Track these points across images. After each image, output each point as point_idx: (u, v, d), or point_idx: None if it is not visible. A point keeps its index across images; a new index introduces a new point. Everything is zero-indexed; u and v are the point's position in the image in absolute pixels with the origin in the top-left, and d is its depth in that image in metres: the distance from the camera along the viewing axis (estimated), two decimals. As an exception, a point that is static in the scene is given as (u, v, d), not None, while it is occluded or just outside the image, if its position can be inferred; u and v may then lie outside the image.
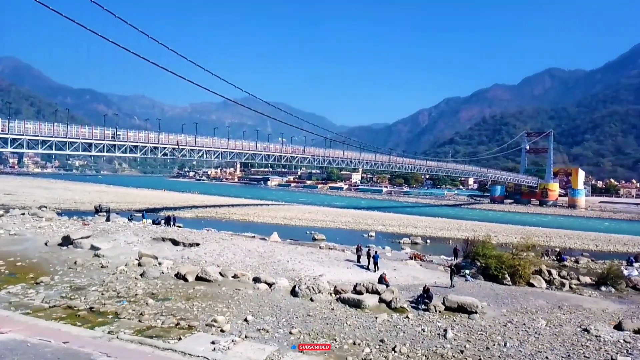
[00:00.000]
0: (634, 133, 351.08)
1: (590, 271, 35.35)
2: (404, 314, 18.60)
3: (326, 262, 28.93)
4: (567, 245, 54.65)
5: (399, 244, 48.51)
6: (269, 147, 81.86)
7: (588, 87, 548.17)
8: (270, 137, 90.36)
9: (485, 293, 23.51)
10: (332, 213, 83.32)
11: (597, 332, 17.06)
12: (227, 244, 32.28)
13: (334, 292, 20.90)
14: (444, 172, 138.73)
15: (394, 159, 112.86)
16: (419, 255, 36.81)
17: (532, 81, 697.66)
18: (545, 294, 25.28)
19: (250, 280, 22.70)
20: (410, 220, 77.23)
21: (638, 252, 47.46)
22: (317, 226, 62.27)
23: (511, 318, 18.80)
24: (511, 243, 42.05)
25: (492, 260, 28.69)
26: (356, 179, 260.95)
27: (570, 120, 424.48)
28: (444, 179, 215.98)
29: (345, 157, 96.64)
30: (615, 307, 22.92)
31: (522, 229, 69.63)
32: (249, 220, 67.62)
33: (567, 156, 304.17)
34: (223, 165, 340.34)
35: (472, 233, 46.87)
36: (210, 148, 71.28)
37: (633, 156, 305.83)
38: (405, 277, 26.41)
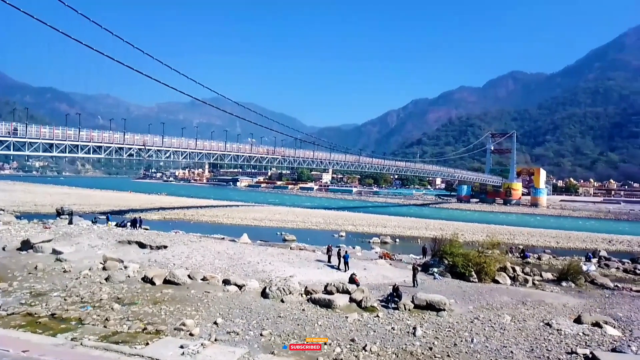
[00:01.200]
0: (591, 134, 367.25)
1: (551, 267, 36.63)
2: (374, 313, 18.77)
3: (297, 263, 28.87)
4: (530, 242, 56.48)
5: (369, 243, 48.94)
6: (238, 147, 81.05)
7: (548, 90, 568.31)
8: (240, 137, 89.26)
9: (453, 290, 23.99)
10: (303, 214, 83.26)
11: (558, 326, 17.71)
12: (196, 246, 31.73)
13: (305, 292, 20.88)
14: (413, 172, 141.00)
15: (363, 160, 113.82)
16: (389, 255, 37.24)
17: (496, 84, 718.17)
18: (509, 290, 26.04)
19: (220, 282, 22.40)
20: (379, 220, 78.05)
21: (595, 248, 49.54)
22: (287, 227, 62.10)
23: (478, 314, 19.26)
24: (477, 241, 43.06)
25: (459, 259, 29.29)
26: (326, 180, 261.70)
27: (532, 121, 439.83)
28: (413, 179, 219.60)
29: (316, 158, 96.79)
30: (575, 301, 23.85)
31: (488, 227, 71.54)
32: (218, 221, 66.73)
33: (530, 156, 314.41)
34: (191, 166, 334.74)
35: (440, 232, 47.78)
36: (177, 148, 69.98)
37: (590, 156, 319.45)
38: (375, 277, 26.66)
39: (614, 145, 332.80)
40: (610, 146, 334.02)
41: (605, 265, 39.20)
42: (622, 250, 53.19)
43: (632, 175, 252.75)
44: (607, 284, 30.06)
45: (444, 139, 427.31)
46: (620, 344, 15.64)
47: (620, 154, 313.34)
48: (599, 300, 24.67)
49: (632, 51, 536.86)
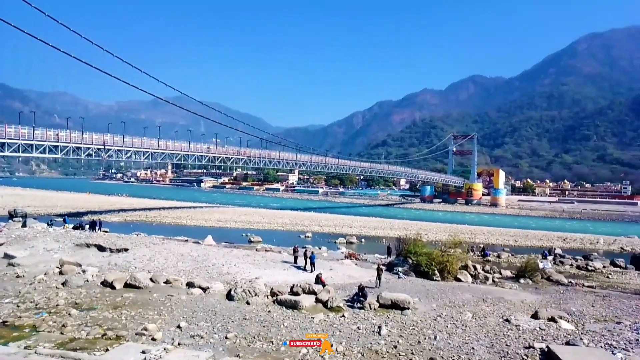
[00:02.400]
0: (547, 137, 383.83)
1: (510, 265, 37.90)
2: (340, 313, 18.86)
3: (262, 264, 28.65)
4: (490, 241, 58.33)
5: (335, 243, 49.21)
6: (203, 147, 79.74)
7: (507, 94, 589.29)
8: (204, 137, 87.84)
9: (417, 289, 24.43)
10: (269, 214, 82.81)
11: (517, 321, 18.33)
12: (159, 248, 30.97)
13: (271, 294, 20.75)
14: (378, 173, 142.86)
15: (329, 160, 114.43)
16: (354, 255, 37.55)
17: (458, 87, 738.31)
18: (471, 287, 26.76)
19: (184, 285, 21.94)
20: (345, 220, 78.64)
21: (551, 246, 51.71)
22: (253, 228, 61.58)
23: (440, 312, 19.68)
24: (440, 240, 44.03)
25: (422, 258, 29.86)
26: (293, 180, 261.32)
27: (491, 124, 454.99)
28: (378, 179, 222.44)
29: (282, 158, 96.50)
30: (533, 297, 24.79)
31: (450, 226, 73.43)
32: (181, 223, 65.41)
33: (490, 158, 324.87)
34: (153, 166, 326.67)
35: (404, 232, 48.47)
36: (139, 148, 68.10)
37: (546, 158, 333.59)
38: (341, 277, 26.81)
39: (568, 148, 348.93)
40: (565, 148, 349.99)
41: (560, 262, 40.93)
42: (576, 248, 55.68)
43: (584, 176, 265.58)
44: (562, 281, 31.44)
45: (408, 140, 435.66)
46: (574, 337, 16.35)
47: (573, 155, 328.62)
48: (554, 296, 25.73)
49: (583, 58, 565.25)
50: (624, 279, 34.90)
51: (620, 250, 55.90)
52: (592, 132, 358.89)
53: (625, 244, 60.10)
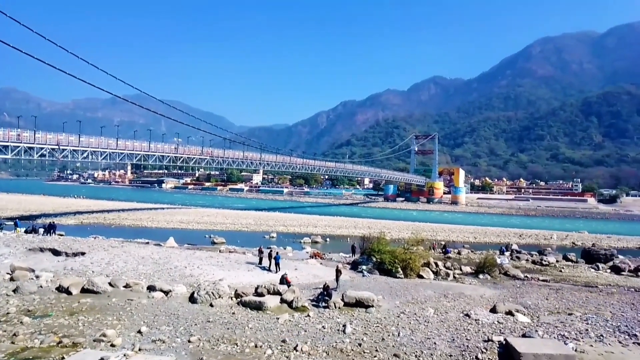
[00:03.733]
0: (504, 136, 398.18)
1: (470, 261, 38.99)
2: (305, 312, 18.88)
3: (226, 266, 28.28)
4: (451, 238, 59.86)
5: (300, 243, 49.20)
6: (164, 147, 77.82)
7: (466, 95, 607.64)
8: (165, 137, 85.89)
9: (381, 287, 24.76)
10: (233, 215, 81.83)
11: (476, 316, 18.92)
12: (118, 251, 30.00)
13: (235, 295, 20.52)
14: (342, 172, 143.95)
15: (294, 160, 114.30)
16: (319, 254, 37.66)
17: (420, 87, 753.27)
18: (433, 284, 27.40)
19: (144, 289, 21.35)
20: (310, 219, 78.78)
21: (508, 242, 53.59)
22: (216, 229, 60.68)
23: (404, 309, 20.05)
24: (403, 238, 44.88)
25: (386, 256, 30.32)
26: (257, 180, 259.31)
27: (452, 124, 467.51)
28: (342, 179, 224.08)
29: (246, 158, 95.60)
30: (491, 292, 25.64)
31: (413, 224, 74.93)
32: (142, 225, 63.65)
33: (450, 157, 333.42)
34: (112, 167, 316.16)
35: (368, 230, 49.11)
36: (96, 148, 65.69)
37: (503, 157, 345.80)
38: (306, 276, 26.84)
39: (523, 147, 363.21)
40: (520, 147, 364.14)
41: (516, 257, 42.50)
42: (531, 244, 57.99)
43: (539, 175, 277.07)
44: (518, 275, 32.70)
45: (372, 140, 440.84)
46: (529, 330, 17.06)
47: (528, 154, 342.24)
48: (511, 290, 26.71)
49: (538, 61, 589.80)
50: (575, 272, 36.66)
51: (572, 245, 58.62)
52: (546, 132, 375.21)
53: (576, 239, 63.10)
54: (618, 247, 51.85)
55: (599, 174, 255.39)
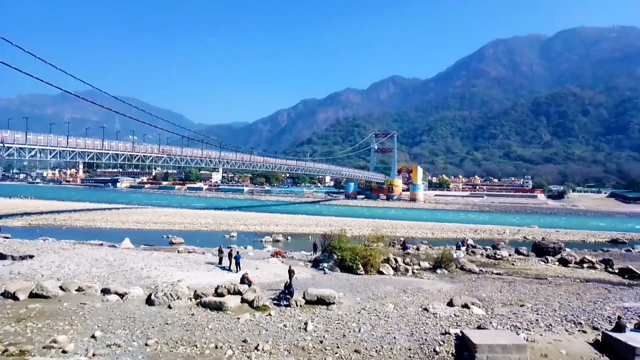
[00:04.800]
0: (459, 135, 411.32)
1: (428, 256, 39.96)
2: (266, 311, 18.75)
3: (185, 267, 27.69)
4: (410, 234, 61.15)
5: (261, 242, 48.86)
6: (118, 145, 75.07)
7: (424, 94, 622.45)
8: (120, 134, 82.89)
9: (342, 284, 24.97)
10: (191, 215, 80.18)
11: (434, 310, 19.44)
12: (69, 254, 28.74)
13: (194, 296, 20.11)
14: (304, 170, 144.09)
15: (255, 158, 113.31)
16: (281, 253, 37.53)
17: (379, 87, 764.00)
18: (392, 280, 27.92)
19: (98, 292, 20.54)
20: (272, 218, 78.39)
21: (464, 237, 55.32)
22: (174, 229, 59.25)
23: (364, 305, 20.30)
24: (363, 235, 45.34)
25: (347, 253, 30.62)
26: (217, 179, 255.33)
27: (410, 123, 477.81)
28: (304, 177, 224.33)
29: (205, 157, 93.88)
30: (448, 286, 26.40)
31: (373, 221, 76.03)
32: (95, 226, 61.25)
33: (409, 155, 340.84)
34: (62, 165, 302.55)
35: (330, 228, 49.47)
36: (45, 146, 62.50)
37: (459, 155, 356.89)
38: (268, 275, 26.67)
39: (478, 145, 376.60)
40: (475, 146, 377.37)
41: (472, 252, 43.93)
42: (485, 238, 60.09)
43: (492, 172, 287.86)
44: (474, 269, 33.85)
45: (333, 138, 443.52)
46: (484, 322, 17.71)
47: (482, 152, 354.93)
48: (467, 284, 27.62)
49: (490, 62, 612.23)
50: (526, 265, 38.33)
51: (524, 239, 61.21)
52: (499, 131, 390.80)
53: (527, 234, 65.95)
54: (565, 240, 54.53)
55: (548, 171, 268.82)
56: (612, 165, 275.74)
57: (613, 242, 59.40)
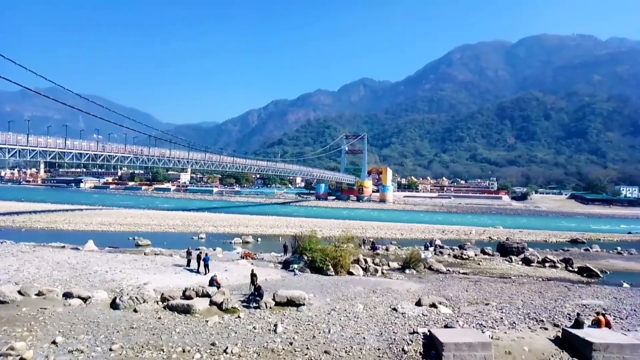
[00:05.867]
0: (428, 137, 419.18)
1: (397, 257, 40.48)
2: (235, 314, 18.56)
3: (152, 269, 27.08)
4: (380, 235, 61.75)
5: (230, 244, 48.28)
6: (82, 144, 72.61)
7: (394, 97, 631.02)
8: (83, 133, 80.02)
9: (312, 285, 25.00)
10: (159, 216, 78.47)
11: (403, 309, 19.71)
12: (29, 257, 27.62)
13: (161, 299, 19.68)
14: (274, 171, 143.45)
15: (224, 159, 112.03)
16: (250, 254, 37.22)
17: (349, 89, 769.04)
18: (362, 280, 28.13)
19: (60, 296, 19.80)
20: (241, 219, 77.61)
21: (432, 238, 56.32)
22: (141, 231, 57.79)
23: (334, 306, 20.37)
24: (334, 236, 45.59)
25: (317, 254, 30.68)
26: (185, 180, 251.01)
27: (380, 125, 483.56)
28: (274, 178, 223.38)
29: (173, 157, 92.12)
30: (417, 286, 26.83)
31: (343, 222, 76.43)
32: (57, 228, 59.04)
33: (379, 157, 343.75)
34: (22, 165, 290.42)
35: (300, 229, 49.38)
36: (3, 145, 59.81)
37: (427, 157, 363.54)
38: (237, 277, 26.40)
39: (446, 148, 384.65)
40: (443, 148, 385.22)
41: (439, 252, 44.82)
42: (453, 239, 61.35)
43: (459, 174, 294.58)
44: (441, 269, 34.54)
45: (303, 139, 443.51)
46: (451, 321, 18.09)
47: (450, 155, 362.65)
48: (435, 284, 28.16)
49: (458, 67, 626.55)
50: (491, 264, 39.40)
51: (489, 239, 62.86)
52: (465, 134, 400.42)
53: (492, 234, 67.77)
54: (528, 240, 56.33)
55: (512, 173, 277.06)
56: (572, 168, 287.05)
57: (573, 242, 61.72)
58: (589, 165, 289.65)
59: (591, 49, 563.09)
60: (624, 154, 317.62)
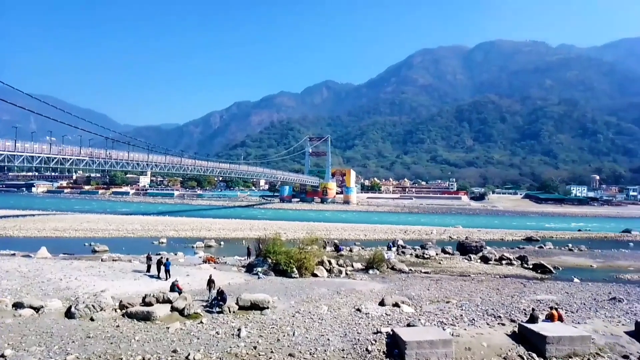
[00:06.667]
0: (390, 139, 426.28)
1: (361, 258, 40.89)
2: (197, 319, 18.19)
3: (110, 276, 26.15)
4: (344, 236, 62.18)
5: (192, 248, 47.38)
6: (33, 146, 69.30)
7: (356, 99, 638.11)
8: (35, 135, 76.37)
9: (276, 288, 24.86)
10: (117, 221, 75.93)
11: (366, 310, 19.92)
12: (-25, 266, 26.06)
13: (120, 307, 19.03)
14: (237, 174, 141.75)
15: (186, 161, 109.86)
16: (213, 258, 36.66)
17: (313, 91, 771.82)
18: (326, 282, 28.23)
19: (9, 306, 18.78)
20: (204, 223, 76.27)
21: (395, 238, 57.18)
22: (98, 236, 55.78)
23: (299, 308, 20.33)
24: (298, 238, 45.52)
25: (281, 257, 30.56)
26: (145, 183, 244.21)
27: (343, 127, 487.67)
28: (237, 180, 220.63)
29: (131, 159, 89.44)
30: (380, 286, 27.18)
31: (308, 224, 76.47)
32: (6, 234, 56.09)
33: (342, 158, 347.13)
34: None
35: (264, 232, 48.93)
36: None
37: (390, 159, 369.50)
38: (199, 282, 25.86)
39: (407, 149, 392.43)
40: (404, 150, 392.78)
41: (402, 252, 45.55)
42: (415, 239, 62.52)
43: (421, 175, 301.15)
44: (404, 269, 35.16)
45: (267, 141, 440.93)
46: (413, 319, 18.43)
47: (411, 156, 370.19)
48: (398, 283, 28.63)
49: (418, 70, 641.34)
50: (452, 263, 40.45)
51: (449, 238, 64.46)
52: (426, 136, 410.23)
53: (452, 233, 69.56)
54: (486, 239, 58.18)
55: (471, 174, 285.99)
56: (526, 169, 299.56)
57: (528, 240, 64.24)
58: (542, 166, 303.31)
59: (543, 54, 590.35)
60: (573, 155, 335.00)
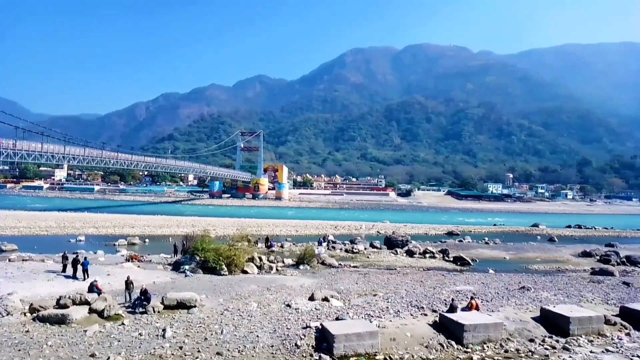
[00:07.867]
0: (322, 136, 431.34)
1: (292, 253, 41.02)
2: (119, 321, 17.29)
3: (19, 277, 24.07)
4: (275, 232, 62.03)
5: (114, 246, 44.86)
6: None
7: (289, 95, 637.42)
8: None
9: (205, 286, 24.28)
10: (28, 217, 69.93)
11: (296, 305, 20.07)
12: None
13: (30, 310, 17.60)
14: (164, 168, 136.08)
15: (107, 154, 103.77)
16: (137, 257, 35.00)
17: (245, 85, 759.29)
18: (257, 278, 28.03)
19: None
20: (127, 219, 72.46)
21: (325, 234, 58.04)
22: (5, 234, 51.04)
23: (228, 306, 20.01)
24: (228, 235, 44.72)
25: (210, 254, 29.85)
26: (61, 177, 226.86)
27: (276, 122, 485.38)
28: (164, 175, 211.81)
29: (45, 151, 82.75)
30: (310, 281, 27.48)
31: (238, 221, 75.31)
32: None
33: (275, 154, 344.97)
34: None
35: (192, 229, 47.58)
36: None
37: (322, 155, 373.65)
38: (121, 282, 24.43)
39: (339, 146, 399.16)
40: (336, 147, 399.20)
41: (332, 247, 46.38)
42: (345, 234, 63.86)
43: (351, 172, 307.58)
44: (334, 264, 35.83)
45: (196, 135, 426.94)
46: (342, 313, 18.86)
47: (343, 153, 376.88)
48: (328, 278, 29.12)
49: (350, 69, 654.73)
50: (379, 257, 41.88)
51: (377, 233, 66.60)
52: (357, 134, 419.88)
53: (380, 228, 71.97)
54: (412, 233, 60.89)
55: (398, 172, 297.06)
56: (449, 167, 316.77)
57: (449, 234, 68.01)
58: (463, 165, 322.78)
59: (465, 59, 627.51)
60: (490, 154, 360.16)
